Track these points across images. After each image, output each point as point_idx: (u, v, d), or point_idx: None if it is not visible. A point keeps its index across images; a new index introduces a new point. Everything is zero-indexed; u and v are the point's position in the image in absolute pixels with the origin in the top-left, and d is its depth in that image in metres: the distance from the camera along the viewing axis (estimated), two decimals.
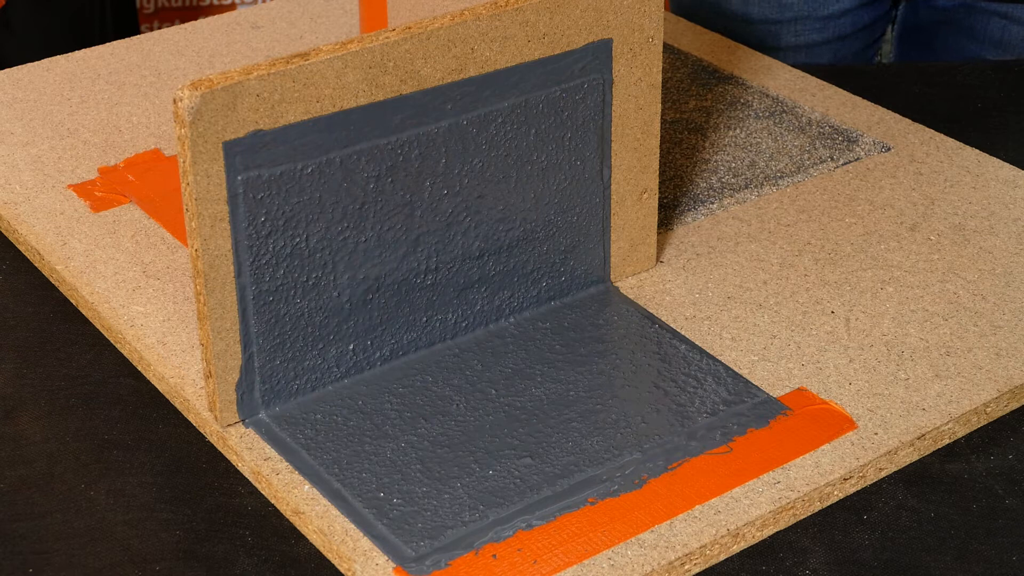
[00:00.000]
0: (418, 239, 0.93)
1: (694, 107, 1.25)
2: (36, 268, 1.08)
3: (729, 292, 1.03)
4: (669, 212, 1.11)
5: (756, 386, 0.94)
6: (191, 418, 0.94)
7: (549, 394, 0.93)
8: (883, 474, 0.90)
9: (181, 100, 0.82)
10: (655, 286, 1.04)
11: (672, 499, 0.86)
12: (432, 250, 0.94)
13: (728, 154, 1.18)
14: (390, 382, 0.94)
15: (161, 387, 0.96)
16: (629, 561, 0.82)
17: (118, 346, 1.00)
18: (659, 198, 1.12)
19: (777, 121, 1.23)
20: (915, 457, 0.91)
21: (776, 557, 0.84)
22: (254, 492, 0.89)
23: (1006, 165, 1.17)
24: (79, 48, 1.34)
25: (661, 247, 1.07)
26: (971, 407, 0.93)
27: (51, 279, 1.07)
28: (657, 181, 1.02)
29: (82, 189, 1.13)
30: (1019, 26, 1.44)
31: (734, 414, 0.92)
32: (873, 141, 1.20)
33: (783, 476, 0.88)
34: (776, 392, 0.94)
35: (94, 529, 0.86)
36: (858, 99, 1.26)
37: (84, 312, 1.03)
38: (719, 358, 0.97)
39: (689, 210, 1.12)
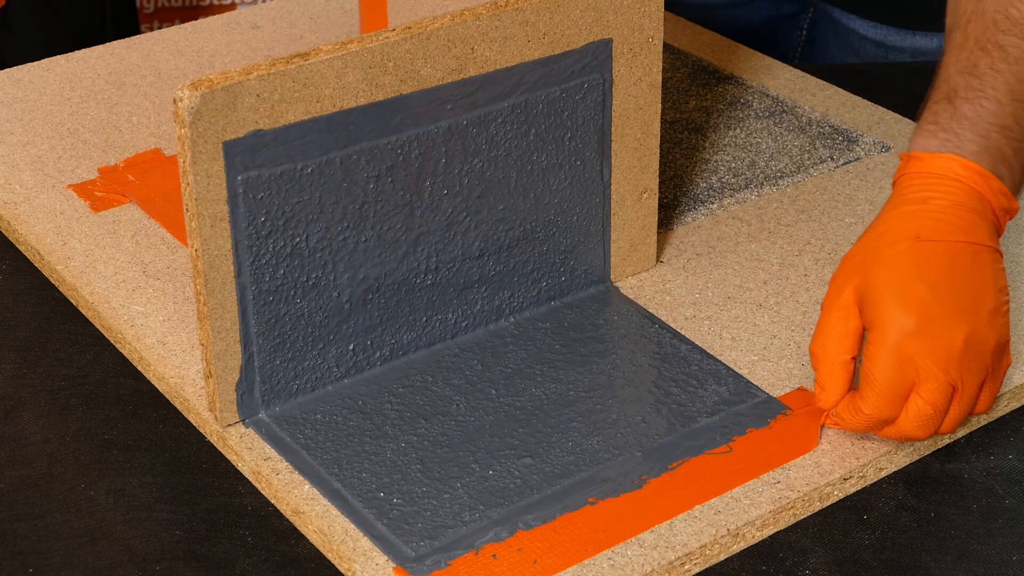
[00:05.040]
0: (418, 239, 0.93)
1: (694, 107, 1.25)
2: (36, 268, 1.08)
3: (729, 292, 1.03)
4: (669, 212, 1.11)
5: (756, 386, 0.94)
6: (191, 418, 0.94)
7: (549, 394, 0.93)
8: (883, 474, 0.90)
9: (181, 100, 0.82)
10: (655, 286, 1.04)
11: (672, 499, 0.86)
12: (432, 250, 0.94)
13: (728, 154, 1.18)
14: (390, 382, 0.94)
15: (161, 387, 0.96)
16: (629, 561, 0.82)
17: (118, 346, 1.00)
18: (659, 198, 1.12)
19: (777, 121, 1.23)
20: (915, 457, 0.91)
21: (776, 557, 0.84)
22: (254, 492, 0.89)
23: None
24: (79, 48, 1.34)
25: (661, 247, 1.07)
26: None
27: (51, 279, 1.07)
28: (657, 181, 1.02)
29: (82, 189, 1.13)
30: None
31: (734, 414, 0.92)
32: (873, 141, 1.20)
33: (783, 476, 0.88)
34: (776, 392, 0.94)
35: (94, 529, 0.86)
36: (858, 99, 1.26)
37: (84, 312, 1.03)
38: (719, 358, 0.96)
39: (689, 210, 1.12)
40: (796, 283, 1.04)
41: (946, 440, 0.92)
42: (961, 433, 0.93)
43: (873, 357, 0.85)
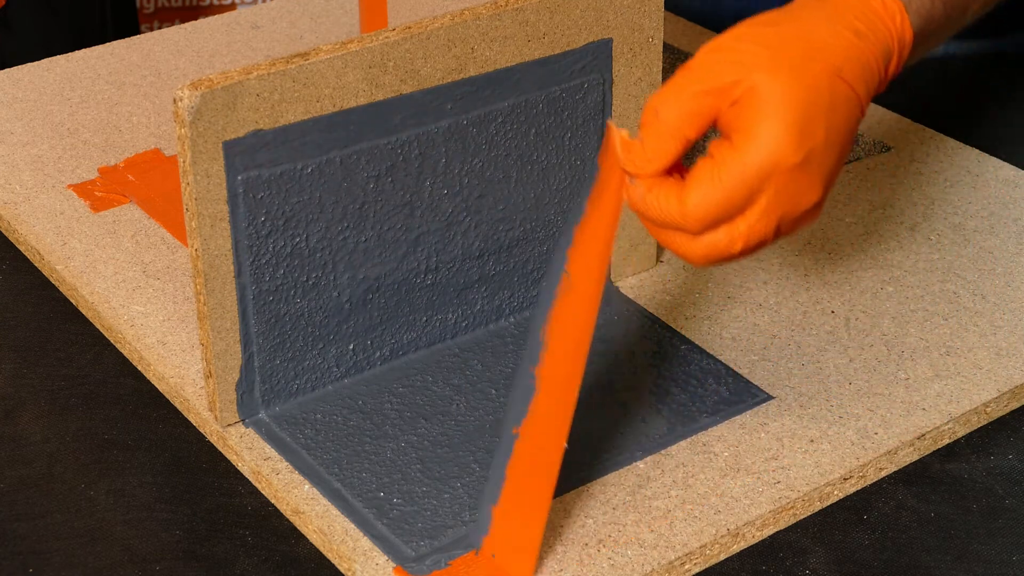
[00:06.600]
0: (418, 239, 0.93)
1: None
2: (36, 268, 1.08)
3: (729, 292, 1.03)
4: None
5: (756, 386, 0.94)
6: (191, 418, 0.94)
7: None
8: (883, 474, 0.90)
9: (181, 100, 0.82)
10: (655, 286, 1.04)
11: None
12: (432, 250, 0.94)
13: None
14: (390, 382, 0.94)
15: (161, 387, 0.96)
16: (629, 561, 0.82)
17: (118, 346, 1.00)
18: None
19: None
20: (915, 457, 0.91)
21: (776, 557, 0.84)
22: (254, 492, 0.89)
23: (1006, 165, 1.17)
24: (79, 48, 1.34)
25: (661, 247, 1.07)
26: (971, 407, 0.93)
27: (51, 279, 1.07)
28: None
29: (82, 189, 1.13)
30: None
31: (734, 413, 0.92)
32: (873, 141, 1.20)
33: (783, 476, 0.88)
34: (776, 392, 0.93)
35: (94, 529, 0.86)
36: None
37: (84, 312, 1.03)
38: (719, 358, 0.96)
39: None
40: (796, 283, 1.04)
41: (946, 440, 0.92)
42: (961, 433, 0.93)
43: (730, 163, 0.75)
